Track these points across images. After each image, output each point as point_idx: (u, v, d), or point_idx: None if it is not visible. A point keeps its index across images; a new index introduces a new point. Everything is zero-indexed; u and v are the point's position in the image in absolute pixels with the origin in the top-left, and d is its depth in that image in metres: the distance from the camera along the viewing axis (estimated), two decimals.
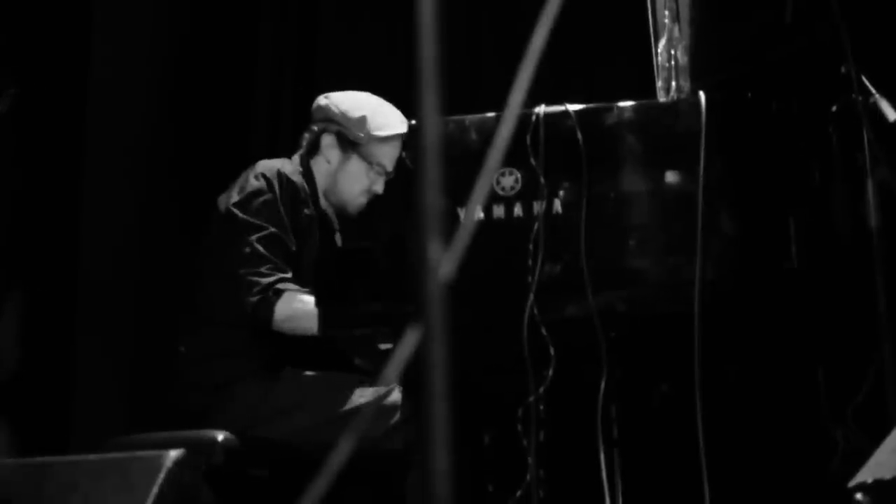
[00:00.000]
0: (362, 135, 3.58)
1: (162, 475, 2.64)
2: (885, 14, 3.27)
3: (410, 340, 1.19)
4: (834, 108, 3.03)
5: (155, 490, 2.62)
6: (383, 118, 3.61)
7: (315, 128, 3.65)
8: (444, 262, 1.17)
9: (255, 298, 3.36)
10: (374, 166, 3.60)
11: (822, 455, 3.36)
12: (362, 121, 3.59)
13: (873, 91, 2.92)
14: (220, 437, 3.36)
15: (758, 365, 3.56)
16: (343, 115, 3.61)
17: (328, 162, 3.62)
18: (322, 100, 3.67)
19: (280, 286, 3.37)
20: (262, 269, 3.38)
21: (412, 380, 3.11)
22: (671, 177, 2.93)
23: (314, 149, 3.65)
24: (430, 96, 1.18)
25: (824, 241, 3.01)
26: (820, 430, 3.42)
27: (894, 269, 2.87)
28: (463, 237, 1.22)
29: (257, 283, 3.36)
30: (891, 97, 2.92)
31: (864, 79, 2.92)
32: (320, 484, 1.26)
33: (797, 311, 3.20)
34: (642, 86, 3.36)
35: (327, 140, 3.62)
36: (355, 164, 3.61)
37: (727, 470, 3.11)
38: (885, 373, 2.85)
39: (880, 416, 2.89)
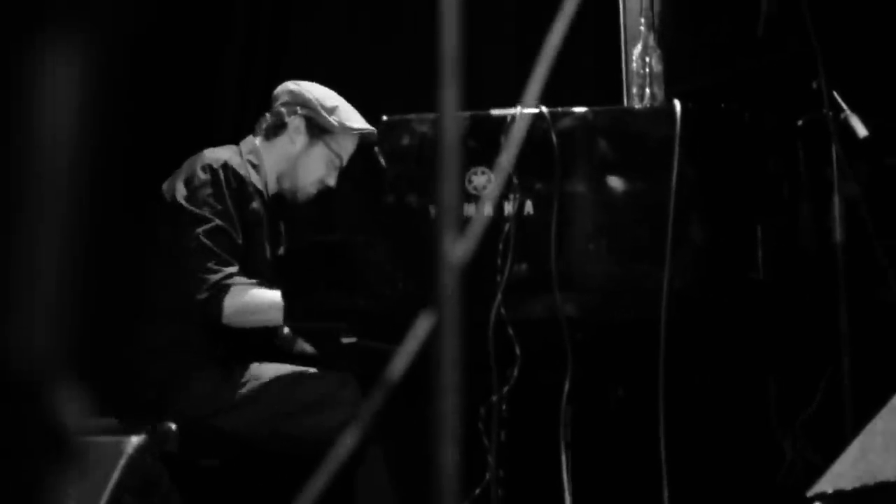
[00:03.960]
0: (336, 123, 3.58)
1: (123, 461, 2.63)
2: (857, 30, 3.30)
3: (419, 334, 1.19)
4: (800, 123, 3.06)
5: (116, 475, 2.60)
6: (353, 113, 3.63)
7: (283, 110, 3.62)
8: (457, 256, 1.17)
9: (203, 296, 3.36)
10: (335, 157, 3.60)
11: (771, 464, 3.40)
12: (335, 110, 3.60)
13: (844, 107, 2.95)
14: (174, 425, 3.34)
15: (718, 373, 3.59)
16: (317, 100, 3.60)
17: (292, 143, 3.60)
18: (292, 85, 3.66)
19: (227, 282, 3.36)
20: (210, 265, 3.37)
21: (368, 371, 3.10)
22: (642, 183, 2.94)
23: (277, 130, 3.62)
24: (450, 93, 1.18)
25: (790, 253, 3.04)
26: (769, 440, 3.46)
27: (856, 284, 2.90)
28: (475, 232, 1.22)
29: (205, 281, 3.36)
30: (861, 113, 2.95)
31: (835, 94, 2.95)
32: (319, 481, 1.26)
33: (758, 321, 3.23)
34: (616, 92, 3.38)
35: (296, 122, 3.60)
36: (319, 152, 3.60)
37: (686, 474, 3.13)
38: (843, 386, 2.89)
39: (830, 428, 2.93)
